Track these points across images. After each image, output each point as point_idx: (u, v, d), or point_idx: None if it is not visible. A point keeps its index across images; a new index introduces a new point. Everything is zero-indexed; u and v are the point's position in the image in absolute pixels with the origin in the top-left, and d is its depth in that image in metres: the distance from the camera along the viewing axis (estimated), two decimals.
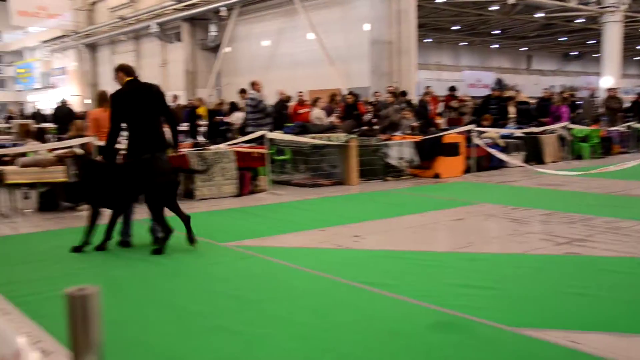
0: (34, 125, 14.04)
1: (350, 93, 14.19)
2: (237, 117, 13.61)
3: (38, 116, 22.72)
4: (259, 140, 10.14)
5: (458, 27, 33.84)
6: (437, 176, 11.35)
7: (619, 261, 5.34)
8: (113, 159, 6.16)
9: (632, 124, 16.83)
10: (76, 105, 30.21)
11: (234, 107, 14.74)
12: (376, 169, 11.02)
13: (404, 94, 13.25)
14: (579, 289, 4.47)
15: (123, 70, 6.08)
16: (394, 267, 5.23)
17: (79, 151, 8.53)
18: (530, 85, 32.59)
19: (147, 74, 32.03)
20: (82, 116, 15.97)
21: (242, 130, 11.62)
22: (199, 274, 5.19)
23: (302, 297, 4.47)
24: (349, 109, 13.54)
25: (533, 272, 5.05)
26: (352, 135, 10.85)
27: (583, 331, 3.65)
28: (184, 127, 14.18)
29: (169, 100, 14.76)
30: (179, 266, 5.43)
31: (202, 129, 14.45)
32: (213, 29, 26.72)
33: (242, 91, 13.60)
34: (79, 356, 0.92)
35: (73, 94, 36.73)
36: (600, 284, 4.64)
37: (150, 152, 5.89)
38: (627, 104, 18.85)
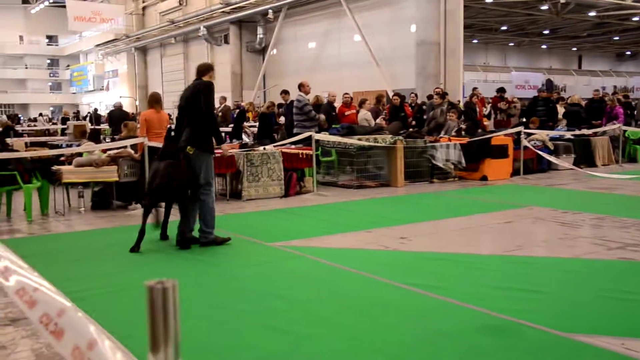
0: (89, 126, 14.46)
1: (397, 94, 14.14)
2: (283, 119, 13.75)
3: (93, 117, 23.41)
4: (306, 142, 10.21)
5: (506, 28, 33.26)
6: (484, 178, 11.21)
7: None
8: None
9: None
10: (127, 106, 30.99)
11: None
12: (422, 170, 10.96)
13: (444, 95, 13.12)
14: (634, 295, 4.38)
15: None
16: (441, 269, 5.21)
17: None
18: (580, 86, 31.77)
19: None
20: (134, 117, 16.41)
21: (289, 131, 11.71)
22: (247, 273, 5.27)
23: (348, 297, 4.50)
24: (396, 111, 13.49)
25: (584, 276, 4.96)
26: (399, 137, 10.82)
27: (638, 338, 3.56)
28: (228, 128, 14.39)
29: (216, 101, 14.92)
30: (227, 266, 5.54)
31: (250, 130, 14.62)
32: (260, 31, 27.06)
33: (284, 92, 13.69)
34: (157, 349, 0.97)
35: (124, 95, 37.75)
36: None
37: (180, 149, 6.17)
38: None
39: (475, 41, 36.11)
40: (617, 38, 36.90)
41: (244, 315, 4.11)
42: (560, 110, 14.80)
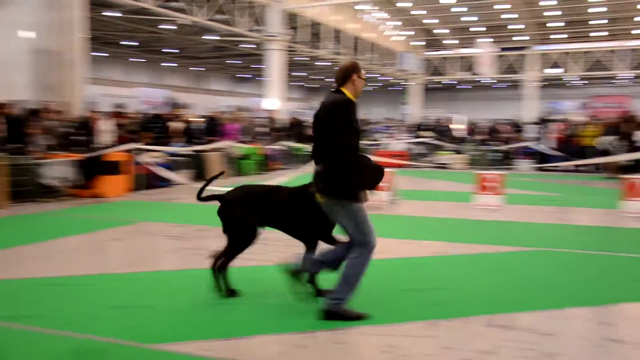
0: None
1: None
2: None
3: None
4: None
5: (134, 43, 33.45)
6: (99, 195, 10.96)
7: (262, 269, 5.82)
8: None
9: (288, 142, 18.78)
10: None
11: None
12: (30, 189, 10.12)
13: (35, 112, 12.38)
14: (222, 299, 4.75)
15: None
16: (42, 295, 4.89)
17: None
18: (203, 104, 33.84)
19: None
20: None
21: None
22: None
23: None
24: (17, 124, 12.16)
25: (180, 288, 5.21)
26: (0, 153, 9.81)
27: (215, 339, 3.90)
28: None
29: None
30: None
31: None
32: None
33: None
34: None
35: None
36: (244, 292, 4.94)
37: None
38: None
39: (102, 54, 35.37)
40: (235, 61, 40.45)
41: None
42: (179, 127, 15.46)
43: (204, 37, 29.53)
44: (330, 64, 37.03)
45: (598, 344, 3.90)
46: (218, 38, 29.15)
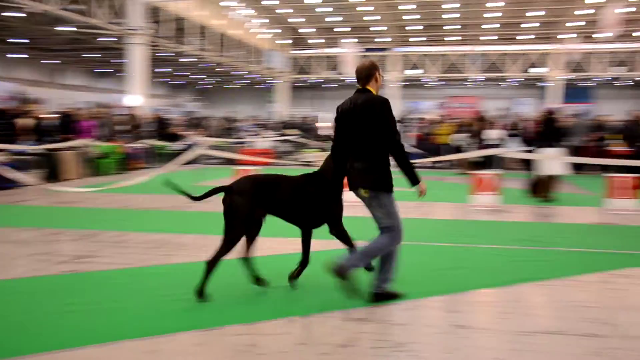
0: None
1: None
2: None
3: None
4: None
5: None
6: None
7: (120, 273, 5.54)
8: None
9: (151, 140, 18.15)
10: None
11: None
12: None
13: None
14: (74, 306, 4.48)
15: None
16: None
17: None
18: (57, 99, 31.74)
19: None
20: None
21: None
22: None
23: None
24: None
25: (29, 296, 4.81)
26: None
27: (59, 350, 3.64)
28: None
29: None
30: None
31: None
32: None
33: None
34: None
35: None
36: (100, 297, 4.72)
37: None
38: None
39: None
40: (95, 55, 38.34)
41: None
42: (28, 124, 14.37)
43: (57, 28, 27.67)
44: (195, 60, 36.26)
45: (446, 331, 4.11)
46: (74, 29, 27.41)
